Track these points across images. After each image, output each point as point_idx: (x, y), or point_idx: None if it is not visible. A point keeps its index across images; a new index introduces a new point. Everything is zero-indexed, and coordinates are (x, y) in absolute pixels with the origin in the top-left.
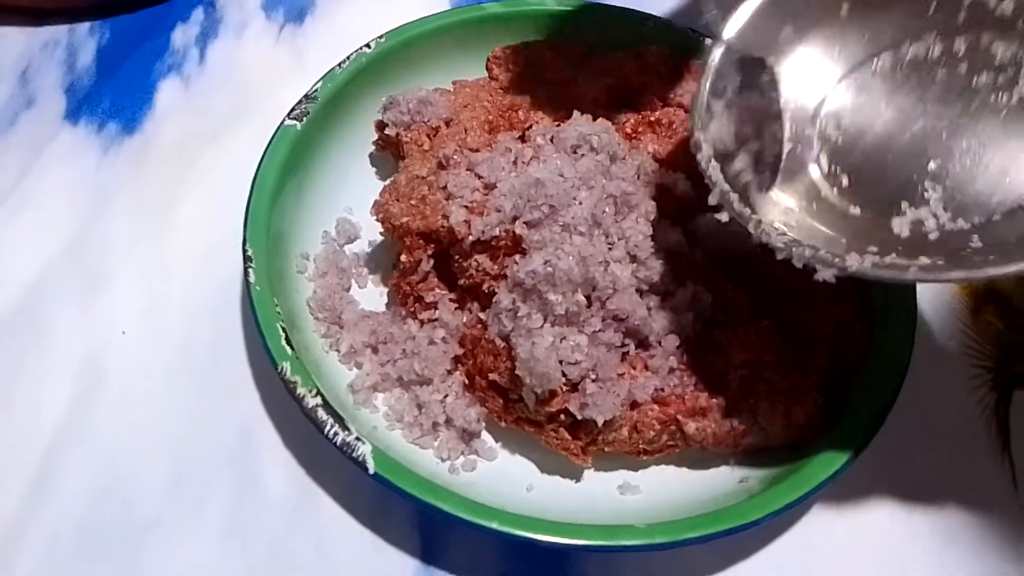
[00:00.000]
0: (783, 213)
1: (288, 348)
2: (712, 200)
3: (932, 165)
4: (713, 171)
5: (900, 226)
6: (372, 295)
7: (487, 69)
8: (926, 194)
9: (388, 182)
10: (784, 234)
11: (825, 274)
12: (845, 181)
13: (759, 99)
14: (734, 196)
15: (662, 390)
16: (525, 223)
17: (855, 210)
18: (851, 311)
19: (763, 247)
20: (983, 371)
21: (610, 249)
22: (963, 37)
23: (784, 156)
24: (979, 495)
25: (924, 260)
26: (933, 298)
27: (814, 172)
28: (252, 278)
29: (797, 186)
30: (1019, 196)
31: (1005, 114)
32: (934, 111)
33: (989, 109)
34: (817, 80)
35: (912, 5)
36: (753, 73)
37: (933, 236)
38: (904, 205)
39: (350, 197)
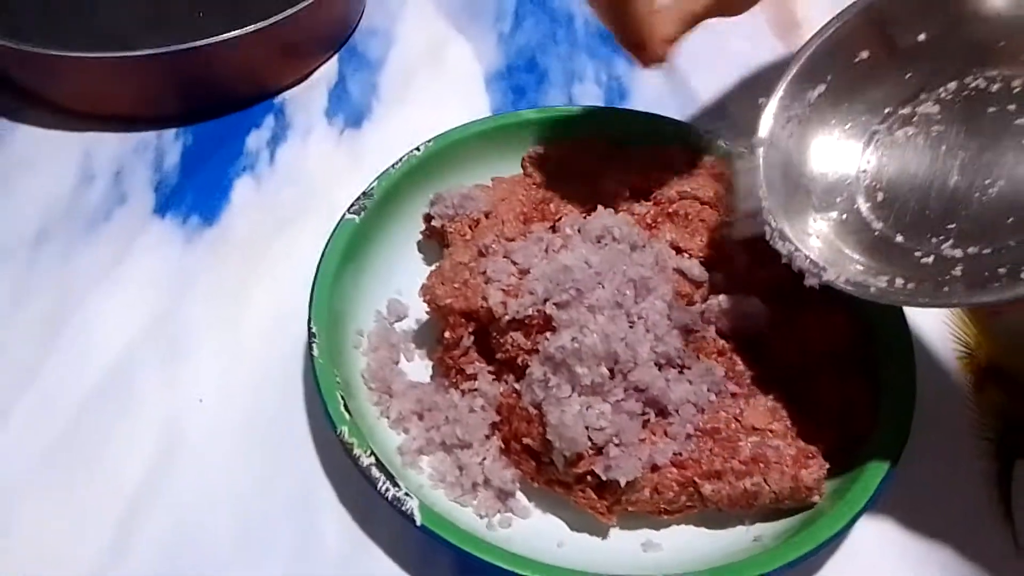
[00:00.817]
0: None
1: (346, 414)
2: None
3: (959, 194)
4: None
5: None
6: (418, 368)
7: (522, 167)
8: (950, 225)
9: (434, 267)
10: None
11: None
12: (886, 212)
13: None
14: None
15: (680, 454)
16: (555, 304)
17: (898, 238)
18: (857, 387)
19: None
20: (986, 442)
21: (631, 327)
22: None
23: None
24: (983, 559)
25: (947, 288)
26: (936, 375)
27: (861, 204)
28: (315, 351)
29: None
30: None
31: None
32: (960, 145)
33: (1010, 135)
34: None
35: (931, 55)
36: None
37: (957, 269)
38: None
39: (400, 280)
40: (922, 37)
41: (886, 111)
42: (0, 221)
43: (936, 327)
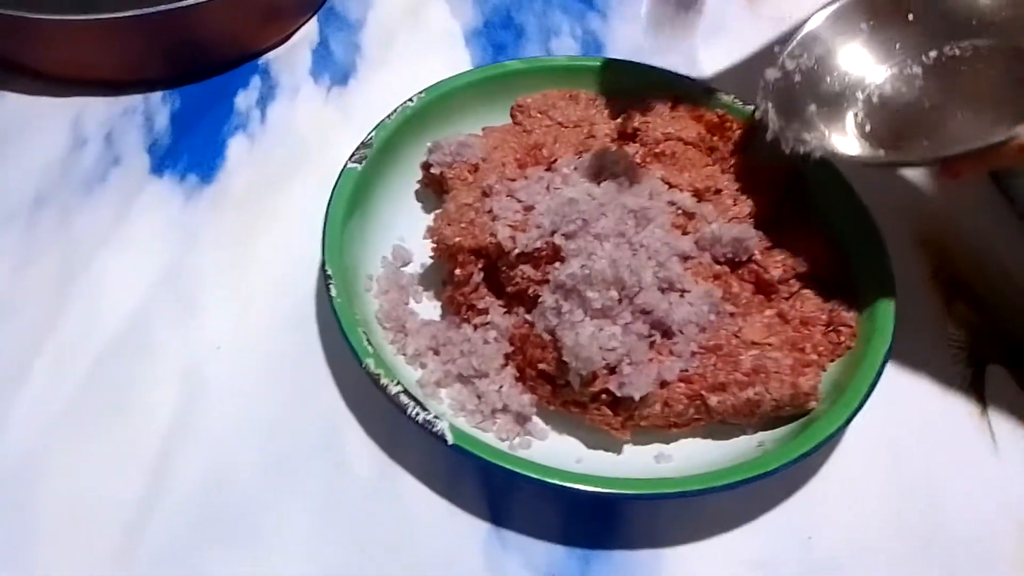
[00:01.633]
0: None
1: (369, 347)
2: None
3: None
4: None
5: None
6: (427, 308)
7: (511, 116)
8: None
9: (437, 212)
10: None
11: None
12: (868, 129)
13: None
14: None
15: (686, 371)
16: (563, 235)
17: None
18: (841, 302)
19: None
20: (958, 351)
21: (634, 254)
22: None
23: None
24: (964, 455)
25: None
26: (910, 292)
27: (849, 119)
28: (333, 292)
29: (831, 119)
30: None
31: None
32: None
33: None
34: (875, 61)
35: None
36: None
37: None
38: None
39: (401, 227)
40: (910, 17)
41: (880, 67)
42: None
43: (908, 251)
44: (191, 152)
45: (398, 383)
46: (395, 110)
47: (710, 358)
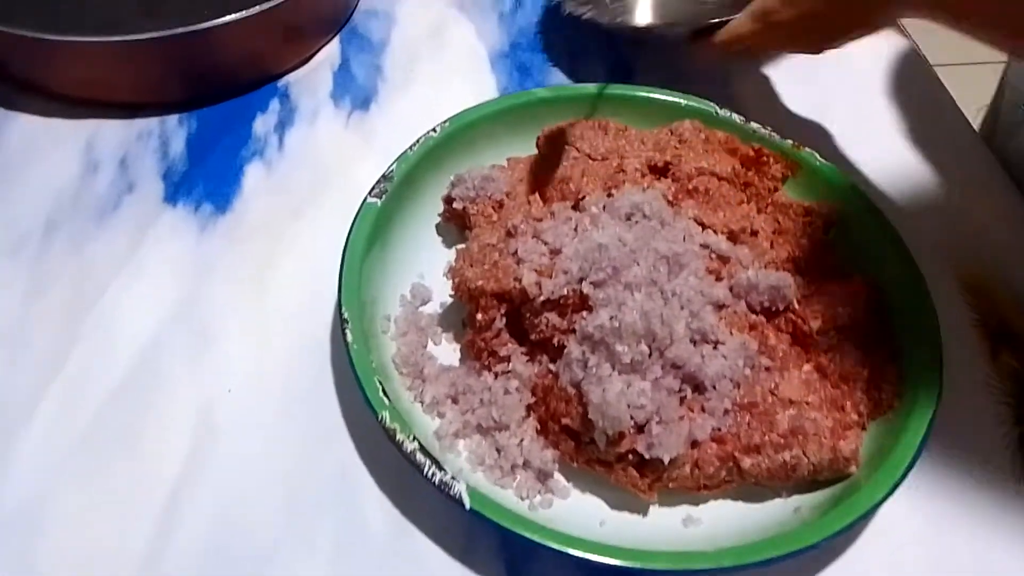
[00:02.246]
0: None
1: (385, 399)
2: None
3: None
4: None
5: None
6: (446, 351)
7: (537, 147)
8: None
9: (460, 249)
10: None
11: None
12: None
13: None
14: None
15: (719, 430)
16: (591, 283)
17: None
18: (883, 356)
19: None
20: (1005, 407)
21: (666, 304)
22: None
23: None
24: (1005, 521)
25: None
26: (954, 343)
27: None
28: (349, 337)
29: None
30: None
31: None
32: None
33: None
34: None
35: None
36: None
37: None
38: None
39: (422, 264)
40: None
41: None
42: (8, 212)
43: (950, 296)
44: (206, 180)
45: (414, 438)
46: (417, 141)
47: (744, 416)
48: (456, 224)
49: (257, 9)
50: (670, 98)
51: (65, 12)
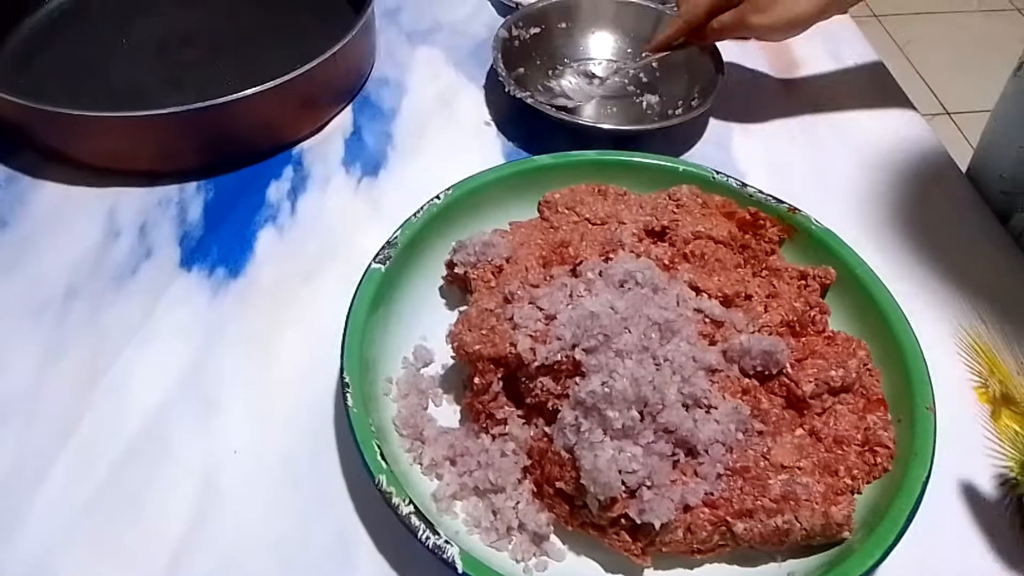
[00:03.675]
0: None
1: (383, 463)
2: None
3: None
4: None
5: None
6: (447, 412)
7: (539, 211)
8: None
9: (460, 314)
10: None
11: None
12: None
13: None
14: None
15: (711, 494)
16: (584, 350)
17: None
18: (878, 419)
19: None
20: (1006, 470)
21: (657, 369)
22: None
23: None
24: None
25: None
26: (953, 405)
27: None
28: (350, 402)
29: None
30: None
31: None
32: None
33: None
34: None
35: None
36: None
37: None
38: None
39: (424, 326)
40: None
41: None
42: (30, 278)
43: (950, 358)
44: (220, 245)
45: (409, 502)
46: (422, 207)
47: (737, 481)
48: (458, 287)
49: (275, 82)
50: (667, 163)
51: (91, 84)
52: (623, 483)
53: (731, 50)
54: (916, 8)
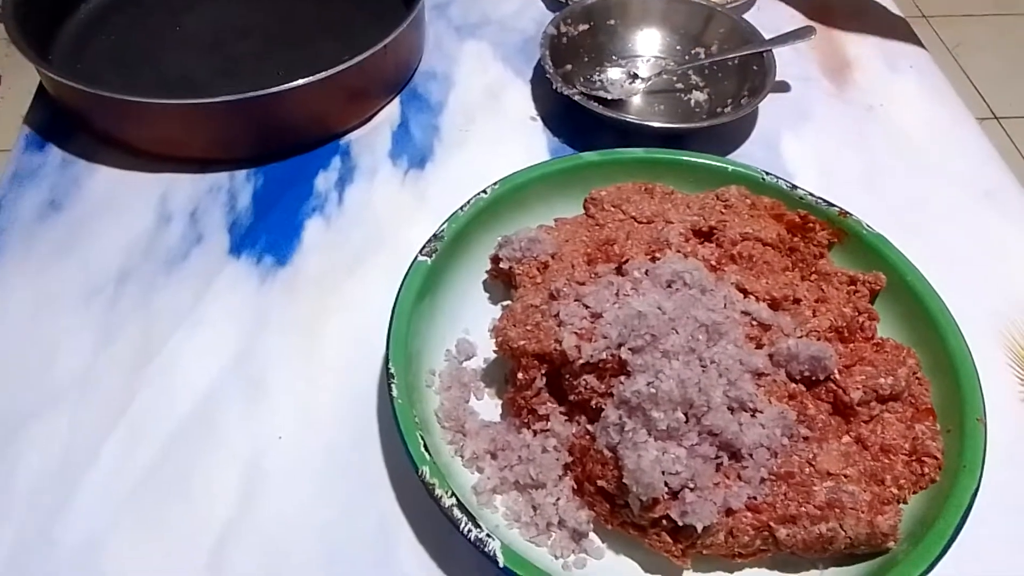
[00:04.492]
0: None
1: (427, 454)
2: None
3: None
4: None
5: None
6: (488, 406)
7: (584, 208)
8: None
9: (504, 309)
10: None
11: None
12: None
13: None
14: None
15: (755, 498)
16: (630, 349)
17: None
18: (926, 428)
19: None
20: None
21: (704, 371)
22: None
23: None
24: None
25: None
26: (1001, 415)
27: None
28: (395, 392)
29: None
30: None
31: None
32: None
33: None
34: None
35: None
36: None
37: None
38: None
39: (467, 319)
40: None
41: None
42: (85, 261)
43: (1000, 368)
44: (269, 233)
45: (452, 494)
46: (468, 201)
47: (781, 486)
48: (503, 282)
49: (325, 73)
50: (716, 163)
51: (145, 71)
52: (666, 484)
53: (782, 49)
54: (966, 10)
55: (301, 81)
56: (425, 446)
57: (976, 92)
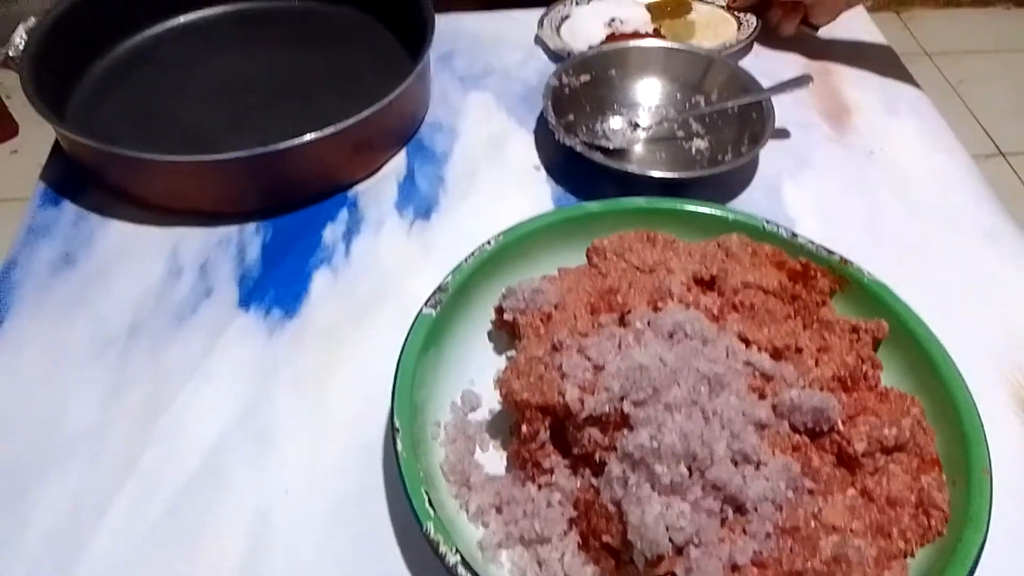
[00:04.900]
0: None
1: (431, 510)
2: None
3: None
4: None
5: None
6: (493, 458)
7: (587, 257)
8: None
9: (509, 361)
10: None
11: None
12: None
13: None
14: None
15: (760, 553)
16: (632, 402)
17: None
18: (931, 480)
19: None
20: None
21: (706, 424)
22: None
23: None
24: None
25: None
26: (1007, 465)
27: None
28: (400, 447)
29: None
30: None
31: None
32: None
33: None
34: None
35: None
36: None
37: None
38: None
39: (473, 370)
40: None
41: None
42: (97, 314)
43: (1003, 415)
44: (277, 285)
45: (456, 551)
46: (472, 253)
47: (786, 541)
48: (507, 332)
49: (333, 128)
50: (717, 212)
51: (159, 125)
52: (670, 540)
53: (782, 96)
54: (969, 47)
55: (309, 136)
56: (430, 501)
57: (981, 128)
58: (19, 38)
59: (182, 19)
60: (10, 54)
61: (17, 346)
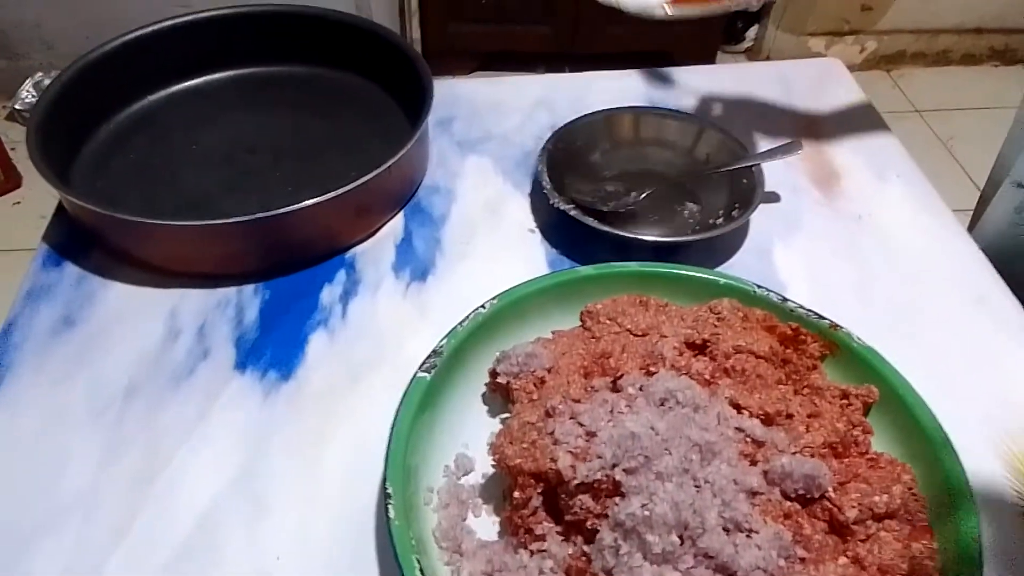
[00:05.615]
0: None
1: None
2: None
3: None
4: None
5: None
6: (486, 523)
7: (581, 321)
8: None
9: (500, 420)
10: None
11: None
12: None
13: None
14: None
15: None
16: (624, 470)
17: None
18: (923, 547)
19: None
20: None
21: (698, 492)
22: None
23: None
24: None
25: None
26: (998, 529)
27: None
28: (392, 513)
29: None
30: None
31: None
32: None
33: None
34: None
35: None
36: None
37: None
38: None
39: (466, 433)
40: None
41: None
42: (95, 376)
43: (995, 481)
44: (274, 347)
45: None
46: (467, 317)
47: None
48: (501, 395)
49: (333, 193)
50: (709, 276)
51: (161, 188)
52: None
53: (772, 163)
54: (959, 104)
55: (310, 201)
56: (421, 569)
57: (972, 184)
58: (26, 92)
59: (187, 84)
60: (16, 107)
61: (15, 407)
